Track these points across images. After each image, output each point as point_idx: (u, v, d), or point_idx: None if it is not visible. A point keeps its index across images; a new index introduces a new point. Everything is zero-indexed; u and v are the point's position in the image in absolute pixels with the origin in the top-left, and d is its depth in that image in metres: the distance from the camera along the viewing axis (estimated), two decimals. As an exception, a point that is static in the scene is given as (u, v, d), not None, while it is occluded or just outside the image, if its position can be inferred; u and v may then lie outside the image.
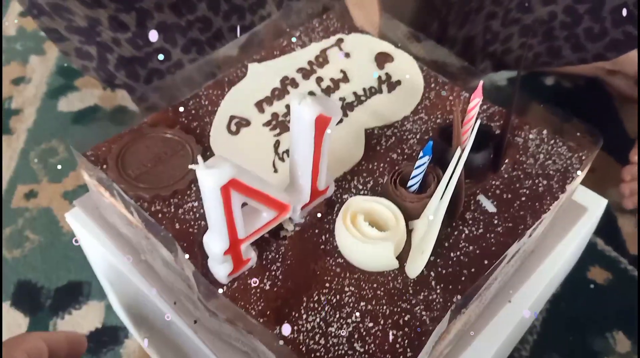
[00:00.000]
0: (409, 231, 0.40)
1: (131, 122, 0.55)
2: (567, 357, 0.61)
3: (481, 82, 0.40)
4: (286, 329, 0.35)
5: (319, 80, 0.51)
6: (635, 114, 0.82)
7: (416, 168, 0.39)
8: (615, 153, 0.79)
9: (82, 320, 0.63)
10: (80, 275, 0.67)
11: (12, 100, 0.87)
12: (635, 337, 0.62)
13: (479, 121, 0.39)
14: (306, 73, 0.52)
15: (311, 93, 0.49)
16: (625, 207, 0.71)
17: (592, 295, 0.65)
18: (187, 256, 0.39)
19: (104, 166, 0.44)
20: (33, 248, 0.69)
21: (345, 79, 0.52)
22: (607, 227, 0.71)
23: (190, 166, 0.31)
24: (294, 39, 0.54)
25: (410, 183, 0.40)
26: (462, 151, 0.38)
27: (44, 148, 0.81)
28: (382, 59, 0.53)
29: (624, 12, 0.62)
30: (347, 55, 0.53)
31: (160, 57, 0.57)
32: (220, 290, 0.38)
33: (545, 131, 0.47)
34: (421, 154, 0.38)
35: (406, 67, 0.53)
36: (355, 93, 0.50)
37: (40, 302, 0.65)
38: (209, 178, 0.31)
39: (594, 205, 0.51)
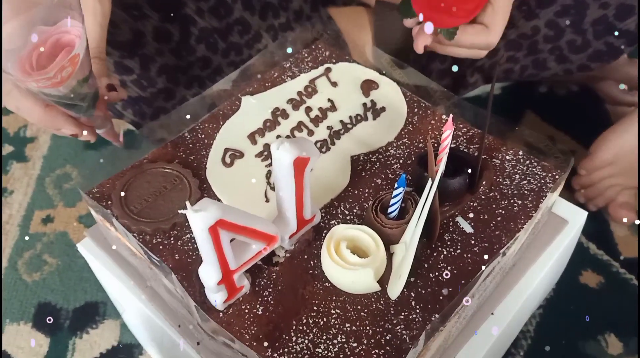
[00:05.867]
0: (390, 255, 0.43)
1: (139, 146, 0.59)
2: (560, 360, 0.63)
3: (451, 116, 0.42)
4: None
5: (308, 110, 0.54)
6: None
7: (393, 197, 0.42)
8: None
9: (99, 339, 0.67)
10: (96, 296, 0.71)
11: (26, 128, 0.92)
12: (627, 338, 0.64)
13: (444, 159, 0.42)
14: (296, 104, 0.55)
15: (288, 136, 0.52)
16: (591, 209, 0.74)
17: (584, 299, 0.68)
18: (185, 285, 0.42)
19: (109, 203, 0.47)
20: (51, 271, 0.74)
21: (333, 107, 0.55)
22: (599, 231, 0.73)
23: (180, 211, 0.35)
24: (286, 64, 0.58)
25: (389, 210, 0.43)
26: (433, 182, 0.41)
27: (58, 173, 0.85)
28: (367, 86, 0.56)
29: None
30: (335, 84, 0.57)
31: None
32: (217, 316, 0.41)
33: (521, 152, 0.50)
34: (396, 185, 0.41)
35: (390, 94, 0.56)
36: (342, 121, 0.54)
37: (60, 323, 0.69)
38: (198, 220, 0.35)
39: (575, 218, 0.54)
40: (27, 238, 0.77)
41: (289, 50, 0.59)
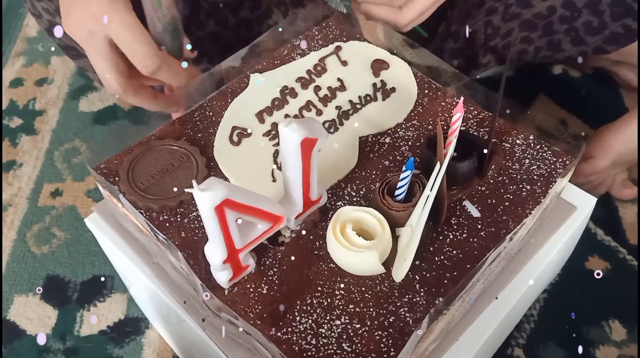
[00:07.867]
0: (396, 238, 0.43)
1: (147, 122, 0.59)
2: (563, 345, 0.63)
3: (462, 99, 0.42)
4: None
5: (317, 89, 0.54)
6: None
7: (401, 180, 0.42)
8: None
9: (106, 312, 0.68)
10: (104, 270, 0.72)
11: (36, 101, 0.92)
12: (631, 325, 0.64)
13: (454, 143, 0.42)
14: (305, 82, 0.54)
15: (296, 116, 0.52)
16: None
17: (589, 285, 0.68)
18: (191, 262, 0.43)
19: (116, 179, 0.47)
20: (60, 244, 0.74)
21: (342, 87, 0.54)
22: (607, 217, 0.73)
23: (186, 190, 0.34)
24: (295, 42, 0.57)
25: (396, 192, 0.43)
26: (441, 166, 0.41)
27: (67, 147, 0.85)
28: (378, 66, 0.56)
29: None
30: (345, 63, 0.56)
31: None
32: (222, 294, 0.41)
33: (531, 136, 0.49)
34: (404, 168, 0.40)
35: (401, 74, 0.55)
36: (351, 101, 0.53)
37: (68, 295, 0.70)
38: (204, 199, 0.34)
39: (583, 204, 0.53)
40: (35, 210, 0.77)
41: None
